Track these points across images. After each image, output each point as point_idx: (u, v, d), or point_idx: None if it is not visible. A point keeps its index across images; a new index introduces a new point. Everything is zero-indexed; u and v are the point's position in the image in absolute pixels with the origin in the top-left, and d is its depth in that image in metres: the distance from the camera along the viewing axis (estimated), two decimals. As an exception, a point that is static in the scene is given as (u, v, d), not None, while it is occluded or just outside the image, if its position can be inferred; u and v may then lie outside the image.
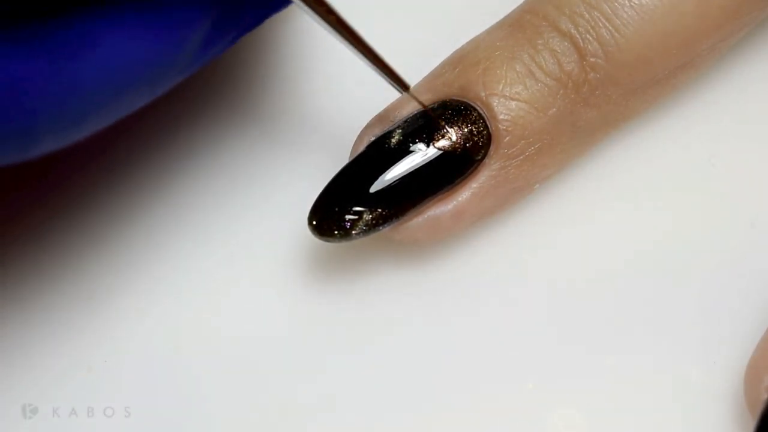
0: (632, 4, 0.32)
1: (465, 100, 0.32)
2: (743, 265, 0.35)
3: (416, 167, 0.32)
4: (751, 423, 0.31)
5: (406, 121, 0.32)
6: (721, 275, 0.34)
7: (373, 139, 0.33)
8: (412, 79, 0.33)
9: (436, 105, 0.32)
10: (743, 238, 0.35)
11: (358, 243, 0.33)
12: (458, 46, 0.34)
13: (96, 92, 0.24)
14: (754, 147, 0.36)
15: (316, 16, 0.28)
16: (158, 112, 0.36)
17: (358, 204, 0.32)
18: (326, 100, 0.36)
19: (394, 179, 0.32)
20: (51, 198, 0.36)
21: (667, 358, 0.34)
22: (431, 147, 0.32)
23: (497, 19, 0.34)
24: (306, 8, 0.28)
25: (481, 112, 0.32)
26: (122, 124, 0.36)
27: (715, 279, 0.34)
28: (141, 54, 0.24)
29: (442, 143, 0.32)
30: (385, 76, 0.30)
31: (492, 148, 0.32)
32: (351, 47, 0.29)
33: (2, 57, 0.23)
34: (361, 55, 0.30)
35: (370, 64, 0.30)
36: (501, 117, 0.32)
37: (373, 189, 0.32)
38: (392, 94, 0.33)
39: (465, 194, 0.32)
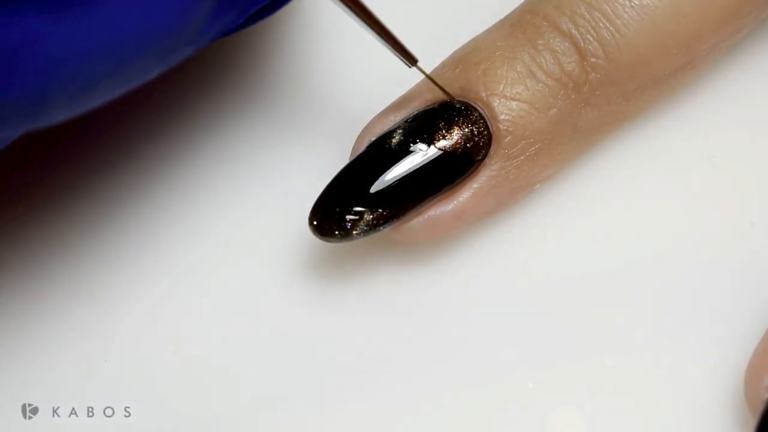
0: (633, 4, 0.31)
1: (465, 100, 0.32)
2: (743, 265, 0.34)
3: (417, 167, 0.32)
4: (752, 423, 0.31)
5: (406, 121, 0.32)
6: (722, 275, 0.34)
7: (373, 139, 0.32)
8: (413, 79, 0.34)
9: (436, 105, 0.32)
10: (743, 238, 0.35)
11: (359, 243, 0.33)
12: (458, 46, 0.34)
13: (106, 55, 0.24)
14: (755, 146, 0.36)
15: None
16: (159, 108, 0.36)
17: (359, 204, 0.31)
18: (327, 99, 0.36)
19: (395, 179, 0.32)
20: (50, 198, 0.36)
21: (667, 358, 0.34)
22: (432, 147, 0.32)
23: (498, 19, 0.34)
24: None
25: (481, 112, 0.32)
26: (121, 121, 0.36)
27: (716, 279, 0.34)
28: (151, 17, 0.24)
29: (443, 143, 0.32)
30: (393, 50, 0.30)
31: (492, 148, 0.32)
32: (359, 20, 0.29)
33: (14, 15, 0.23)
34: (369, 28, 0.29)
35: (377, 37, 0.30)
36: (502, 117, 0.32)
37: (373, 189, 0.31)
38: (392, 94, 0.33)
39: (465, 194, 0.32)
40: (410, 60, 0.31)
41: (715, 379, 0.33)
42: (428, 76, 0.32)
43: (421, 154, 0.32)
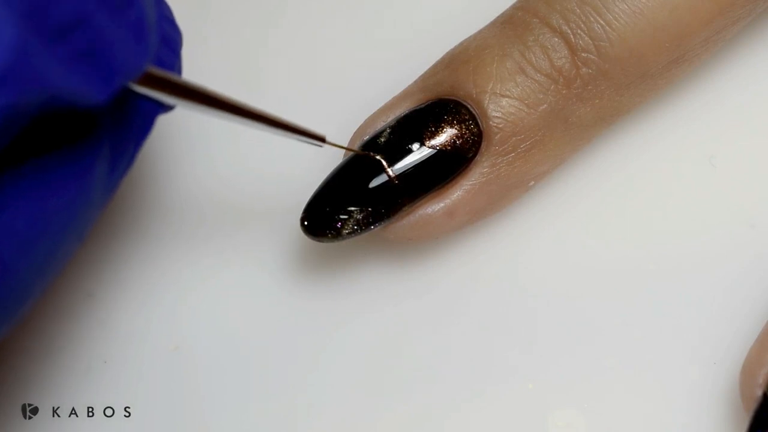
0: None
1: (456, 98, 0.31)
2: (743, 266, 0.33)
3: (408, 166, 0.31)
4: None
5: (398, 121, 0.31)
6: (721, 275, 0.33)
7: (366, 139, 0.32)
8: (408, 79, 0.33)
9: (427, 104, 0.31)
10: (743, 239, 0.34)
11: (351, 243, 0.32)
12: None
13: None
14: (754, 147, 0.35)
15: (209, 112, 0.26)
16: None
17: (350, 204, 0.31)
18: (320, 100, 0.36)
19: (386, 179, 0.31)
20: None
21: (667, 358, 0.33)
22: (423, 146, 0.31)
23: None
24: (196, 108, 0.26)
25: (471, 110, 0.31)
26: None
27: (715, 279, 0.33)
28: (53, 209, 0.23)
29: (434, 142, 0.31)
30: (298, 137, 0.29)
31: (483, 145, 0.31)
32: (253, 124, 0.27)
33: None
34: (266, 127, 0.28)
35: (277, 131, 0.28)
36: (491, 114, 0.31)
37: (364, 189, 0.31)
38: (385, 95, 0.33)
39: (457, 192, 0.31)
40: (319, 139, 0.29)
41: (714, 378, 0.32)
42: (340, 146, 0.31)
43: (413, 153, 0.31)
